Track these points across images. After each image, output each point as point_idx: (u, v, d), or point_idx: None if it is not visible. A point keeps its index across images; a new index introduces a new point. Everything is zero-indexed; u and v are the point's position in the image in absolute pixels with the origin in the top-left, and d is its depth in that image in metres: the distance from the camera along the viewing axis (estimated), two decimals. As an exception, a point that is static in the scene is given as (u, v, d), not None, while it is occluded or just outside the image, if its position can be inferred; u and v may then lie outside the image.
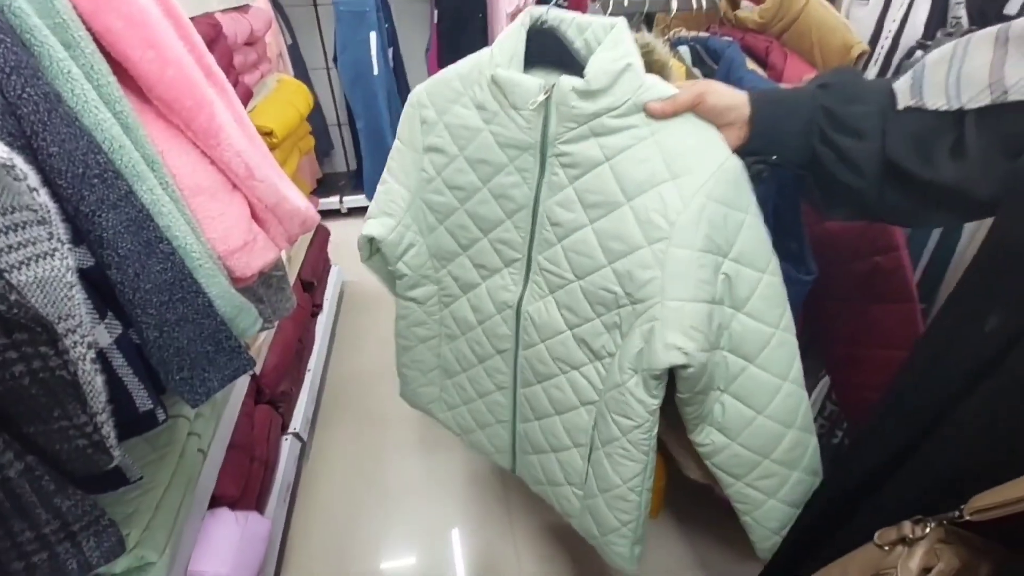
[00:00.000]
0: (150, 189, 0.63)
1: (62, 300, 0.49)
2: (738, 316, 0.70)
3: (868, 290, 0.89)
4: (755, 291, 0.69)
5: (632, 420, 0.75)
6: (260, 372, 1.44)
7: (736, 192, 0.65)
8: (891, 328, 0.88)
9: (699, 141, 0.65)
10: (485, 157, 0.77)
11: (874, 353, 0.92)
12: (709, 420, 0.77)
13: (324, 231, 2.30)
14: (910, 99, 0.56)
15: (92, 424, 0.52)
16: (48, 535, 0.51)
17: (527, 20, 0.72)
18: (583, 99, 0.67)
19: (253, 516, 1.12)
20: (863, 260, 0.88)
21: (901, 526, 0.49)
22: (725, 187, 0.65)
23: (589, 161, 0.70)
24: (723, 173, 0.64)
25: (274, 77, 1.73)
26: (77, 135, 0.54)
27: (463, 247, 0.87)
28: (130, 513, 0.82)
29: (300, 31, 2.94)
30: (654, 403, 0.73)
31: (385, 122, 2.78)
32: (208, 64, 0.73)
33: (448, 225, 0.87)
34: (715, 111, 0.65)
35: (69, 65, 0.56)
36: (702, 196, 0.64)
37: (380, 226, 0.90)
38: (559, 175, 0.73)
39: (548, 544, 1.38)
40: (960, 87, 0.52)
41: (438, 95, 0.80)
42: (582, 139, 0.69)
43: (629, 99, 0.65)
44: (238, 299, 0.76)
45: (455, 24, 2.67)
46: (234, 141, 0.72)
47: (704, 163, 0.65)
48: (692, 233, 0.65)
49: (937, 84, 0.54)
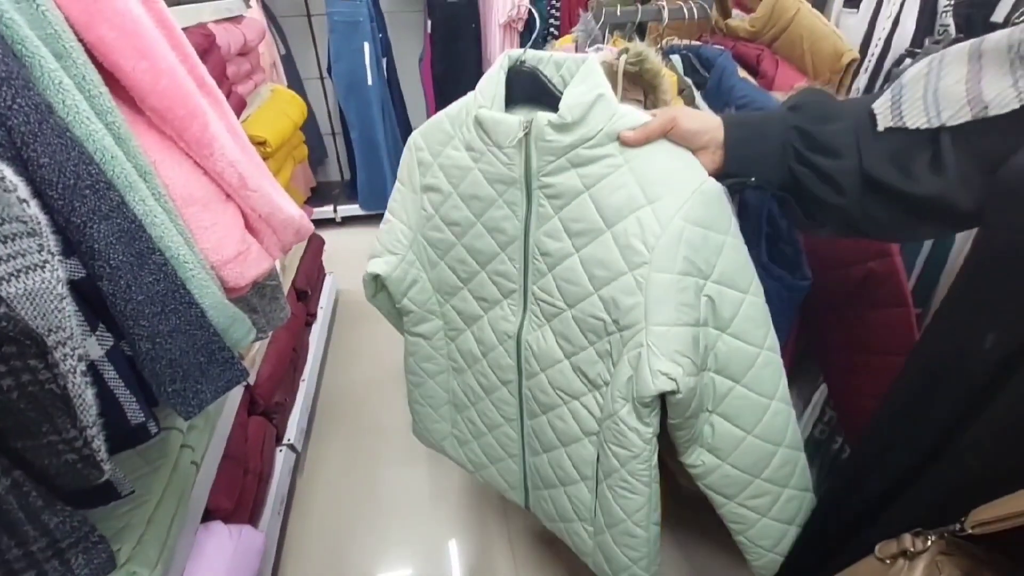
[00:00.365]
0: (142, 200, 0.62)
1: (52, 312, 0.49)
2: (723, 337, 0.71)
3: (863, 296, 0.89)
4: (739, 312, 0.70)
5: (628, 450, 0.75)
6: (254, 383, 1.42)
7: (714, 214, 0.66)
8: (887, 333, 0.88)
9: (674, 165, 0.66)
10: (476, 193, 0.80)
11: (871, 359, 0.92)
12: (700, 442, 0.78)
13: (318, 240, 2.30)
14: (890, 120, 0.56)
15: (82, 438, 0.51)
16: (36, 552, 0.50)
17: (506, 62, 0.75)
18: (559, 132, 0.69)
19: (247, 529, 1.11)
20: (857, 266, 0.88)
21: (902, 539, 0.49)
22: (703, 209, 0.65)
23: (571, 191, 0.71)
24: (699, 196, 0.65)
25: (268, 87, 1.73)
26: (68, 146, 0.54)
27: (463, 281, 0.89)
28: (121, 528, 0.80)
29: (294, 41, 2.95)
30: (648, 431, 0.73)
31: (379, 132, 2.78)
32: (201, 74, 0.73)
33: (448, 260, 0.89)
34: (688, 135, 0.65)
35: (61, 76, 0.55)
36: (679, 219, 0.65)
37: (384, 264, 0.92)
38: (545, 206, 0.75)
39: (546, 555, 1.36)
40: (939, 104, 0.52)
41: (432, 138, 0.83)
42: (562, 171, 0.71)
43: (602, 128, 0.67)
44: (231, 309, 0.75)
45: (448, 34, 2.69)
46: (227, 151, 0.72)
47: (680, 186, 0.65)
48: (671, 257, 0.66)
49: (915, 103, 0.54)
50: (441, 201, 0.84)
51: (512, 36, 2.55)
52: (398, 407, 1.83)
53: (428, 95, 2.92)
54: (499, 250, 0.82)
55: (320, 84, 3.17)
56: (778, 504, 0.81)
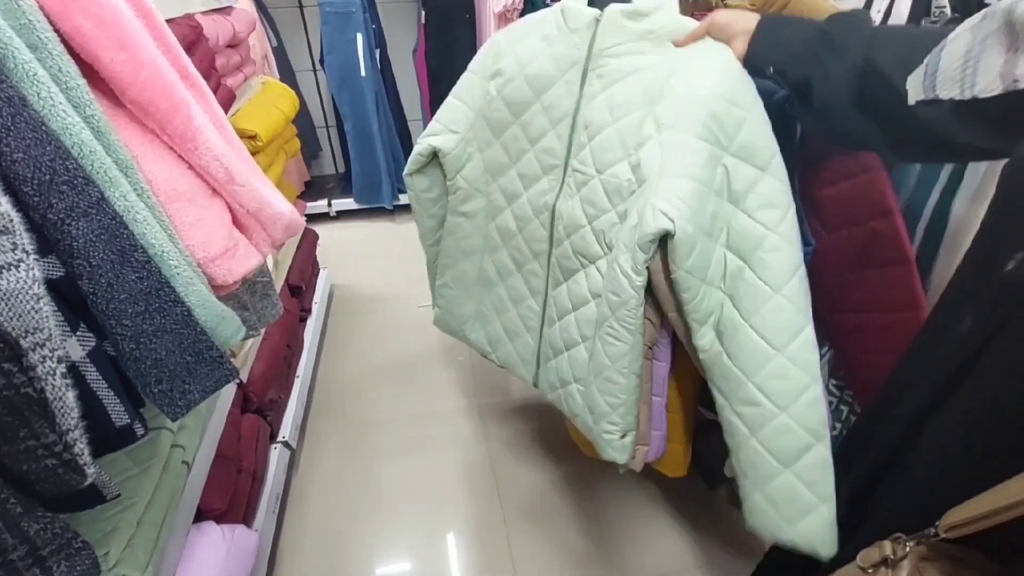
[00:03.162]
0: (123, 195, 0.60)
1: (28, 313, 0.47)
2: (737, 214, 0.76)
3: (867, 256, 0.90)
4: (752, 188, 0.74)
5: (619, 296, 0.81)
6: (247, 380, 1.41)
7: (737, 90, 0.74)
8: (891, 291, 0.89)
9: (708, 52, 0.76)
10: (540, 73, 0.92)
11: (877, 316, 0.93)
12: (711, 323, 0.80)
13: (312, 234, 2.27)
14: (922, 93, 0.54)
15: (62, 443, 0.49)
16: (15, 561, 0.48)
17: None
18: (629, 19, 0.82)
19: (240, 529, 1.09)
20: (860, 226, 0.88)
21: (882, 546, 0.48)
22: (727, 85, 0.74)
23: (619, 72, 0.83)
24: (725, 73, 0.74)
25: (258, 79, 1.70)
26: (44, 140, 0.52)
27: (512, 160, 1.00)
28: (110, 530, 0.79)
29: (285, 32, 2.91)
30: (639, 280, 0.78)
31: (373, 124, 2.75)
32: (184, 66, 0.71)
33: (503, 139, 1.00)
34: (721, 26, 0.76)
35: (35, 67, 0.53)
36: (705, 91, 0.74)
37: (445, 140, 1.05)
38: (594, 85, 0.86)
39: (543, 548, 1.36)
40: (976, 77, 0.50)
41: (514, 31, 0.98)
42: (621, 55, 0.83)
43: (664, 26, 0.80)
44: (219, 307, 0.74)
45: (443, 24, 2.66)
46: (212, 145, 0.70)
47: (710, 66, 0.75)
48: (693, 123, 0.74)
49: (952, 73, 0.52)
50: (504, 84, 0.96)
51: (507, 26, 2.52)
52: (393, 401, 1.83)
53: (422, 86, 2.89)
54: (550, 127, 0.93)
55: (313, 76, 3.13)
56: (768, 427, 0.76)
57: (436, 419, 1.76)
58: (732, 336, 0.77)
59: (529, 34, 0.94)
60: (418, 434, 1.70)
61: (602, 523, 1.41)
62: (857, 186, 0.86)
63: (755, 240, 0.75)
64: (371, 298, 2.40)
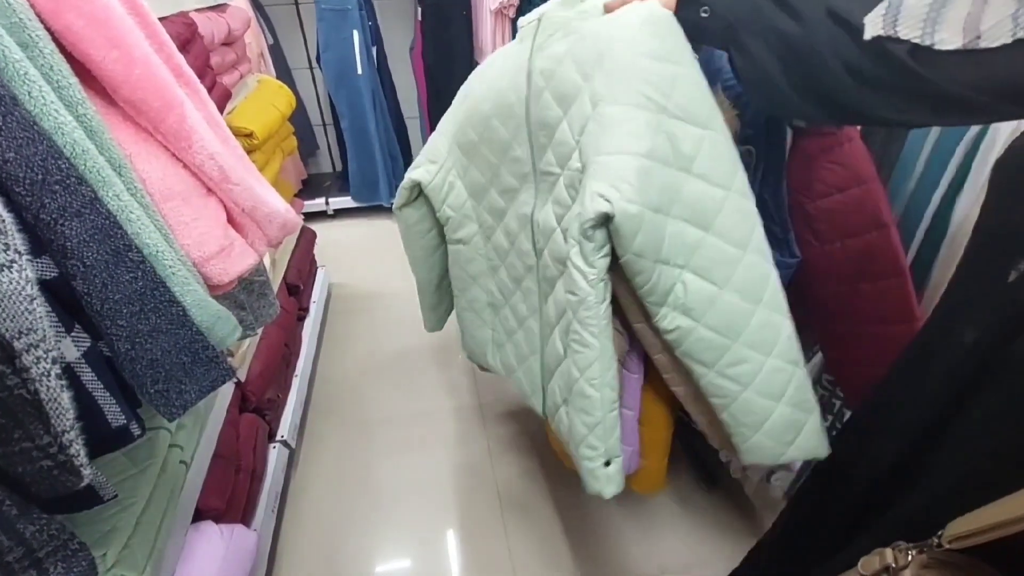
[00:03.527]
0: (117, 195, 0.60)
1: (22, 314, 0.47)
2: (689, 180, 0.71)
3: (861, 268, 0.89)
4: (700, 149, 0.70)
5: (575, 294, 0.77)
6: (245, 379, 1.40)
7: (663, 43, 0.68)
8: (885, 304, 0.89)
9: (631, 11, 0.72)
10: (495, 86, 0.90)
11: (869, 329, 0.93)
12: (671, 303, 0.75)
13: (310, 233, 2.27)
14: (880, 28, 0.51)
15: (57, 444, 0.49)
16: (12, 563, 0.48)
17: None
18: (564, 8, 0.79)
19: (239, 529, 1.09)
20: (855, 239, 0.88)
21: (883, 554, 0.48)
22: (652, 40, 0.68)
23: (555, 60, 0.78)
24: (648, 26, 0.69)
25: (254, 78, 1.69)
26: (35, 139, 0.51)
27: (489, 178, 0.98)
28: (108, 531, 0.79)
29: (281, 30, 2.89)
30: (593, 273, 0.74)
31: (370, 122, 2.74)
32: (178, 64, 0.70)
33: (476, 161, 0.99)
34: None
35: (26, 66, 0.53)
36: (629, 52, 0.69)
37: (424, 172, 1.05)
38: (539, 82, 0.81)
39: (542, 542, 1.36)
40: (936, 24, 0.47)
41: (491, 57, 0.97)
42: (556, 42, 0.79)
43: (597, 6, 0.76)
44: (215, 307, 0.73)
45: (439, 22, 2.65)
46: (207, 143, 0.70)
47: (633, 23, 0.70)
48: (624, 90, 0.69)
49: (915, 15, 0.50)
50: (471, 107, 0.96)
51: (504, 24, 2.51)
52: (392, 400, 1.83)
53: (420, 84, 2.87)
54: (510, 137, 0.90)
55: (309, 74, 3.12)
56: (761, 374, 0.77)
57: (435, 417, 1.76)
58: (707, 309, 0.75)
59: (499, 55, 0.94)
60: (417, 432, 1.70)
61: (600, 521, 1.41)
62: (851, 198, 0.85)
63: (714, 205, 0.71)
64: (369, 296, 2.39)
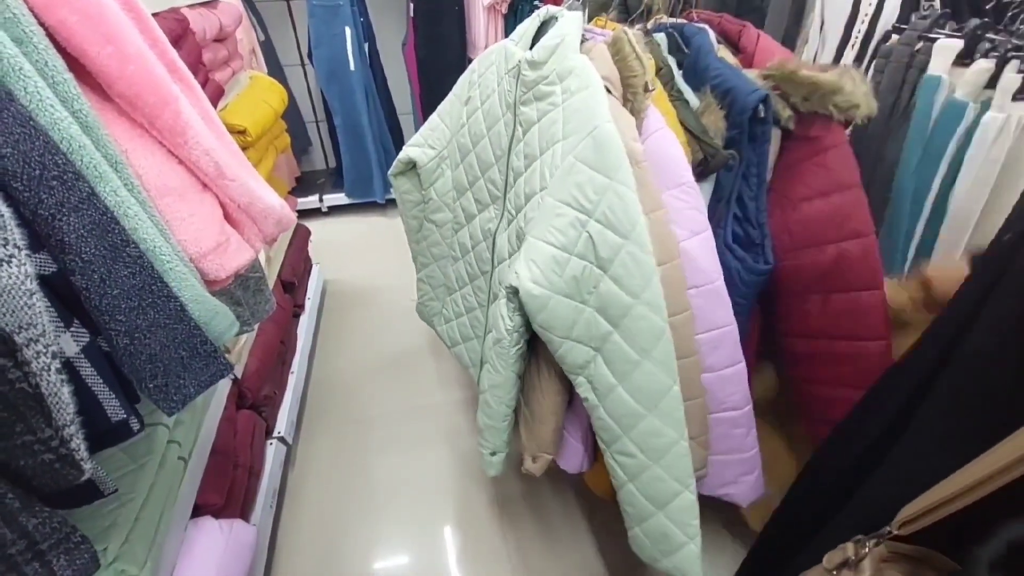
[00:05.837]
0: (114, 191, 0.60)
1: (21, 309, 0.47)
2: (605, 279, 0.76)
3: (833, 278, 0.85)
4: (616, 256, 0.74)
5: (497, 331, 0.89)
6: (242, 376, 1.41)
7: (601, 157, 0.73)
8: (855, 318, 0.84)
9: (587, 110, 0.75)
10: (491, 110, 0.96)
11: (837, 344, 0.88)
12: (585, 375, 0.83)
13: (304, 230, 2.26)
14: None
15: (58, 438, 0.49)
16: (15, 555, 0.49)
17: (543, 14, 0.92)
18: (531, 68, 0.84)
19: (238, 524, 1.10)
20: (830, 246, 0.84)
21: (844, 548, 0.49)
22: (591, 152, 0.74)
23: (529, 121, 0.86)
24: (591, 139, 0.74)
25: (246, 74, 1.68)
26: (32, 135, 0.52)
27: (470, 184, 1.06)
28: (108, 526, 0.79)
29: (273, 26, 2.87)
30: (510, 323, 0.86)
31: (363, 117, 2.73)
32: (172, 59, 0.71)
33: (464, 164, 1.06)
34: None
35: (20, 62, 0.53)
36: (571, 156, 0.76)
37: (423, 154, 1.14)
38: (519, 131, 0.89)
39: (538, 537, 1.37)
40: None
41: (486, 59, 1.00)
42: (529, 102, 0.86)
43: (555, 69, 0.80)
44: (212, 303, 0.74)
45: (431, 17, 2.64)
46: (202, 139, 0.70)
47: (582, 127, 0.75)
48: (559, 187, 0.77)
49: None
50: (470, 112, 1.02)
51: (496, 19, 2.51)
52: (388, 395, 1.83)
53: (412, 80, 2.87)
54: (494, 162, 0.97)
55: (301, 70, 3.10)
56: (644, 476, 0.82)
57: (431, 412, 1.76)
58: (606, 394, 0.81)
59: (492, 64, 0.97)
60: (413, 427, 1.71)
61: (596, 514, 1.42)
62: (831, 204, 0.83)
63: (622, 307, 0.75)
64: (364, 292, 2.39)
